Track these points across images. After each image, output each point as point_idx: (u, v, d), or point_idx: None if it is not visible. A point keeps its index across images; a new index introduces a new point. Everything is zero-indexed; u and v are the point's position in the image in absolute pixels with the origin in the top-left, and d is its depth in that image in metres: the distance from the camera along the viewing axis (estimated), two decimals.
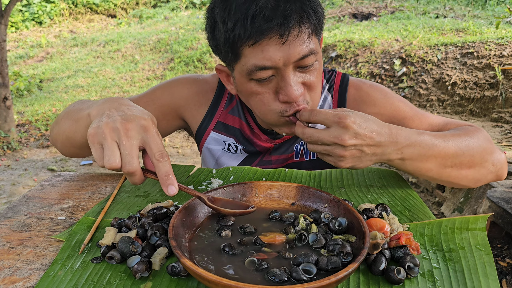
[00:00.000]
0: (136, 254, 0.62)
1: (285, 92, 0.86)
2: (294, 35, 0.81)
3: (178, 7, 11.97)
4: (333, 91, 1.10)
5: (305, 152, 1.10)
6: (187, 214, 0.66)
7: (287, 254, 0.59)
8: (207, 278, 0.49)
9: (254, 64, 0.83)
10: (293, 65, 0.84)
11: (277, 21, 0.79)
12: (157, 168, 0.69)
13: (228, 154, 1.13)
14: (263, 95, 0.89)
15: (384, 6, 8.27)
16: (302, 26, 0.82)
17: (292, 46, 0.82)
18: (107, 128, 0.69)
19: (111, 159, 0.67)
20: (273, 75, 0.86)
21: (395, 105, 1.05)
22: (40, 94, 7.34)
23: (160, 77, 7.67)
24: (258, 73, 0.85)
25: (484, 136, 0.91)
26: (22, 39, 10.77)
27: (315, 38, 0.88)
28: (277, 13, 0.79)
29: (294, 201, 0.75)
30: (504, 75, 4.41)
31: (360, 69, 5.65)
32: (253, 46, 0.82)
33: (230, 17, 0.82)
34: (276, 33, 0.80)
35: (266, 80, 0.87)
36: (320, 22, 0.88)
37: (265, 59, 0.82)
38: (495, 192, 2.36)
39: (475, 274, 0.59)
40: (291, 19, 0.80)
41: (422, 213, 0.79)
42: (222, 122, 1.12)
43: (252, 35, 0.80)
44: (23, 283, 0.61)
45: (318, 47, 0.90)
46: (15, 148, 4.85)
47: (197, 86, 1.13)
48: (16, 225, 0.78)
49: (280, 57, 0.82)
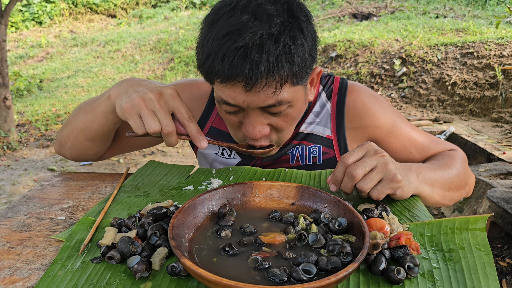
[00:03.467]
0: (136, 254, 0.62)
1: (246, 129, 0.89)
2: (260, 86, 0.79)
3: (178, 7, 11.98)
4: (332, 98, 1.08)
5: (300, 157, 1.09)
6: (187, 214, 0.66)
7: (287, 254, 0.59)
8: (207, 278, 0.49)
9: (221, 98, 0.86)
10: (259, 108, 0.85)
11: (243, 69, 0.76)
12: (189, 128, 0.84)
13: (221, 159, 1.13)
14: (230, 121, 0.92)
15: (384, 6, 8.27)
16: (271, 78, 0.78)
17: (257, 95, 0.81)
18: (141, 100, 0.81)
19: (153, 125, 0.81)
20: (239, 110, 0.87)
21: (392, 120, 1.08)
22: (40, 94, 7.34)
23: (160, 77, 7.67)
24: (224, 106, 0.87)
25: (463, 159, 1.03)
26: (22, 39, 10.77)
27: (292, 87, 0.84)
28: (244, 62, 0.76)
29: (294, 201, 0.75)
30: (504, 75, 4.42)
31: (360, 69, 5.65)
32: (221, 84, 0.83)
33: (207, 47, 0.80)
34: (242, 80, 0.78)
35: (233, 112, 0.89)
36: (299, 73, 0.82)
37: (230, 97, 0.83)
38: (495, 192, 2.36)
39: (475, 274, 0.59)
40: (259, 70, 0.76)
41: (422, 213, 0.79)
42: (215, 127, 1.12)
43: (220, 74, 0.79)
44: (23, 283, 0.61)
45: (298, 94, 0.87)
46: (15, 148, 4.85)
47: (190, 92, 1.14)
48: (16, 225, 0.78)
49: (244, 100, 0.83)
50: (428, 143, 1.09)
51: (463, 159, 1.04)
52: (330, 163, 1.08)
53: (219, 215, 0.70)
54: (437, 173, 0.91)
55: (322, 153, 1.08)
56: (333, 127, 1.08)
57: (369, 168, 0.76)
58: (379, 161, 0.76)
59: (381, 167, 0.75)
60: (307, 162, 1.09)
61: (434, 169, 0.91)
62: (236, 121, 0.91)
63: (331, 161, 1.08)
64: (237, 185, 0.76)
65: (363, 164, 0.76)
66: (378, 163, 0.76)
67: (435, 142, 1.10)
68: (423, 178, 0.85)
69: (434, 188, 0.88)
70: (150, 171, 1.02)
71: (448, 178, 0.93)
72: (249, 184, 0.76)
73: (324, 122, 1.08)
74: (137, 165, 4.50)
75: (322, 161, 1.09)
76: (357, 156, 0.77)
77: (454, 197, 0.96)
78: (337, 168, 0.79)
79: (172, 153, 4.77)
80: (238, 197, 0.75)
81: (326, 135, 1.08)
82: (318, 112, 1.08)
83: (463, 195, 1.01)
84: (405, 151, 1.08)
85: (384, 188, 0.76)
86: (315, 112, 1.08)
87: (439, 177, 0.90)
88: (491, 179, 2.64)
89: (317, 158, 1.08)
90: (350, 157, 0.77)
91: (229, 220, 0.69)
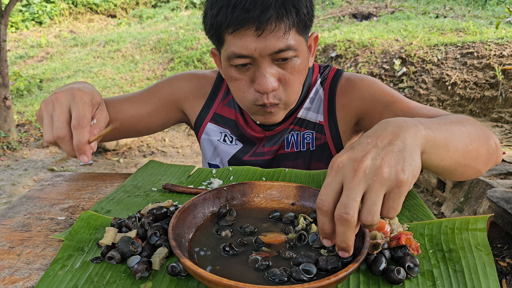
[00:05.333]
0: (136, 254, 0.62)
1: (258, 81, 0.92)
2: (270, 29, 0.86)
3: (178, 7, 11.97)
4: (325, 85, 1.12)
5: (295, 143, 1.12)
6: (187, 214, 0.66)
7: (287, 254, 0.59)
8: (207, 278, 0.49)
9: (233, 52, 0.90)
10: (269, 57, 0.90)
11: (254, 13, 0.84)
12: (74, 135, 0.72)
13: (223, 146, 1.17)
14: (240, 81, 0.95)
15: (384, 6, 8.26)
16: (280, 22, 0.86)
17: (268, 39, 0.87)
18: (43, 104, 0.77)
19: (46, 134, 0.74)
20: (250, 63, 0.92)
21: (380, 90, 1.03)
22: (40, 94, 7.34)
23: (160, 77, 7.67)
24: (236, 60, 0.91)
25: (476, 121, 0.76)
26: (22, 39, 10.77)
27: (298, 36, 0.91)
28: (256, 6, 0.84)
29: (294, 201, 0.75)
30: (504, 75, 4.41)
31: (360, 69, 5.64)
32: (232, 34, 0.88)
33: (216, 4, 0.89)
34: (253, 24, 0.85)
35: (243, 68, 0.93)
36: (303, 21, 0.91)
37: (242, 48, 0.88)
38: (495, 192, 2.36)
39: (475, 274, 0.59)
40: (268, 13, 0.84)
41: (422, 213, 0.79)
42: (218, 114, 1.17)
43: (231, 23, 0.86)
44: (23, 283, 0.61)
45: (302, 46, 0.94)
46: (15, 148, 4.85)
47: (197, 80, 1.19)
48: (16, 225, 0.78)
49: (256, 48, 0.88)
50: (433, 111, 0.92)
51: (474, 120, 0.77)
52: (322, 148, 1.11)
53: (219, 215, 0.70)
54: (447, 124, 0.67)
55: (315, 139, 1.11)
56: (325, 113, 1.11)
57: (360, 195, 0.51)
58: (367, 176, 0.51)
59: (374, 183, 0.51)
60: (301, 148, 1.12)
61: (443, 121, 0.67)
62: (247, 80, 0.95)
63: (322, 146, 1.11)
64: (237, 185, 0.76)
65: (349, 197, 0.50)
66: (367, 178, 0.51)
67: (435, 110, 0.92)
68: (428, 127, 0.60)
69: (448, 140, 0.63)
70: (150, 171, 1.02)
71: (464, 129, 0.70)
72: (249, 184, 0.76)
73: (317, 108, 1.11)
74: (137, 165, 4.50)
75: (314, 146, 1.12)
76: (334, 190, 0.52)
77: (480, 152, 0.72)
78: (318, 219, 0.54)
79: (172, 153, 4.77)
80: (238, 197, 0.75)
81: (319, 120, 1.11)
82: (312, 98, 1.12)
83: (489, 151, 0.76)
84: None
85: (394, 202, 0.52)
86: (311, 99, 1.12)
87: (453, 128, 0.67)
88: (491, 179, 2.64)
89: (310, 144, 1.12)
90: (325, 197, 0.52)
91: (229, 220, 0.69)
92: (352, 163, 0.52)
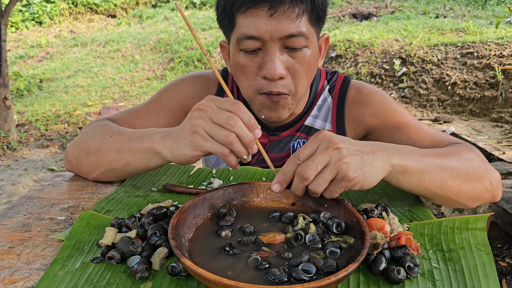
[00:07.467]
0: (136, 254, 0.62)
1: (266, 66, 0.89)
2: (283, 10, 0.85)
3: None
4: (334, 93, 1.11)
5: None
6: (187, 214, 0.66)
7: (286, 254, 0.59)
8: (207, 278, 0.49)
9: (243, 33, 0.89)
10: (280, 42, 0.88)
11: None
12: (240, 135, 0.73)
13: None
14: (248, 68, 0.93)
15: (384, 6, 8.26)
16: (294, 4, 0.86)
17: (280, 21, 0.86)
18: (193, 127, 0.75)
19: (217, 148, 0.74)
20: (260, 48, 0.90)
21: (392, 108, 1.06)
22: (40, 94, 7.34)
23: (160, 77, 7.67)
24: (246, 42, 0.89)
25: (478, 154, 0.86)
26: (22, 39, 10.77)
27: (310, 26, 0.90)
28: None
29: (294, 201, 0.75)
30: (504, 75, 4.41)
31: (360, 69, 5.64)
32: (245, 14, 0.88)
33: None
34: (266, 3, 0.85)
35: (253, 53, 0.91)
36: (316, 11, 0.90)
37: (253, 29, 0.87)
38: None
39: (475, 274, 0.59)
40: None
41: (422, 213, 0.79)
42: None
43: (245, 2, 0.86)
44: (23, 283, 0.61)
45: (313, 38, 0.93)
46: (15, 148, 4.85)
47: (201, 82, 1.17)
48: (16, 225, 0.78)
49: (267, 29, 0.86)
50: (439, 137, 0.98)
51: (479, 153, 0.87)
52: None
53: (219, 215, 0.70)
54: (433, 157, 0.77)
55: None
56: (333, 121, 1.10)
57: (322, 166, 0.66)
58: (332, 157, 0.65)
59: (334, 164, 0.65)
60: None
61: (430, 153, 0.78)
62: (254, 68, 0.92)
63: None
64: (237, 185, 0.76)
65: (314, 162, 0.66)
66: (331, 159, 0.65)
67: (440, 137, 0.98)
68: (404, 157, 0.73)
69: (424, 172, 0.75)
70: (150, 171, 1.02)
71: (450, 164, 0.78)
72: (249, 184, 0.76)
73: (325, 116, 1.11)
74: None
75: None
76: (309, 152, 0.68)
77: (462, 189, 0.79)
78: (287, 165, 0.69)
79: None
80: (238, 197, 0.75)
81: (326, 129, 1.10)
82: (320, 106, 1.11)
83: (479, 189, 0.82)
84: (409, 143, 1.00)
85: (336, 188, 0.67)
86: (318, 106, 1.11)
87: (436, 161, 0.77)
88: None
89: None
90: (301, 153, 0.68)
91: (229, 220, 0.69)
92: (330, 141, 0.67)
